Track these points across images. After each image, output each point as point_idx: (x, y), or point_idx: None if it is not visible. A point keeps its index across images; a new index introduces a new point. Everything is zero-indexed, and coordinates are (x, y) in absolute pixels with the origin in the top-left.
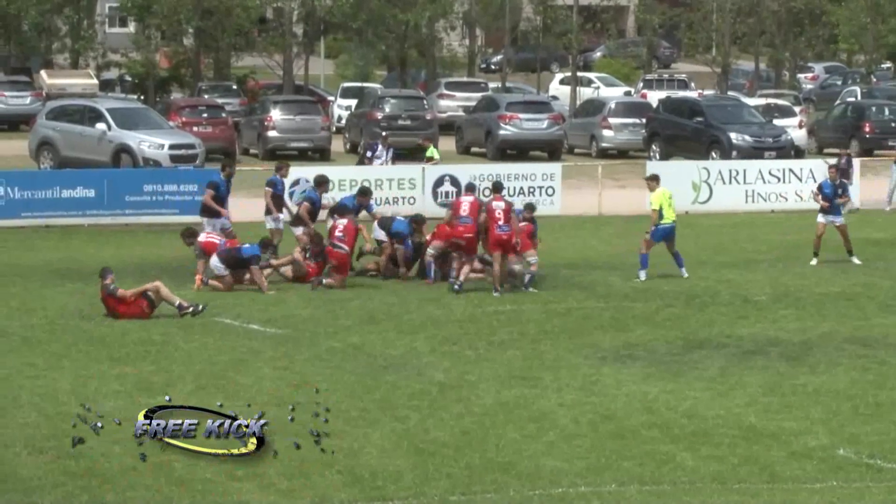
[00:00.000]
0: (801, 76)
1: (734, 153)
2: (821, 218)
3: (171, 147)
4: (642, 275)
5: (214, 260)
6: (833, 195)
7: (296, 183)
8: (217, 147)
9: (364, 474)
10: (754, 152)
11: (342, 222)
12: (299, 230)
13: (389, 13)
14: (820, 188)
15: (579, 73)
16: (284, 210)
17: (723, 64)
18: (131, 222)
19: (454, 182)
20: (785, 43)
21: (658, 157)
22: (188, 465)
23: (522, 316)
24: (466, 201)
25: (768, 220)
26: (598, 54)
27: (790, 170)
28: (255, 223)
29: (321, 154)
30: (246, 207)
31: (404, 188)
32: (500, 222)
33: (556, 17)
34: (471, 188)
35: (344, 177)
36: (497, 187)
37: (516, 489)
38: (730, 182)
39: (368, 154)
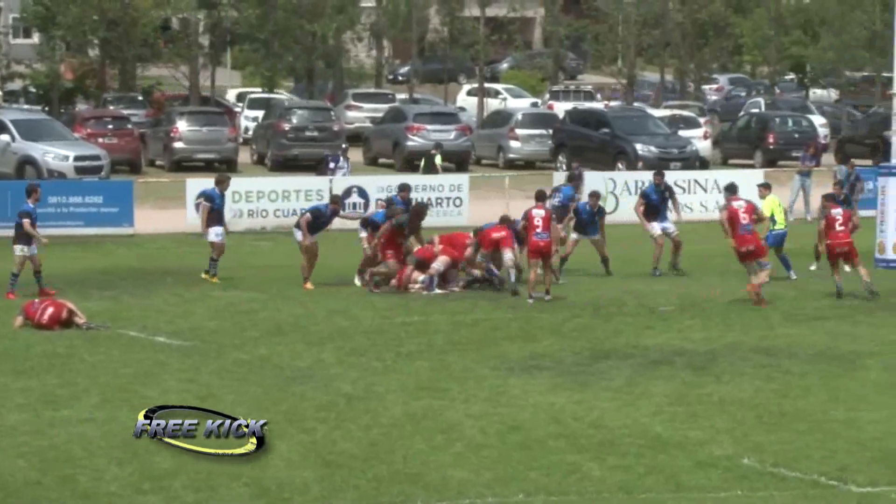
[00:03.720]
0: (705, 87)
1: (640, 164)
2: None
3: (77, 158)
4: (792, 274)
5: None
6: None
7: (202, 194)
8: (122, 159)
9: (271, 486)
10: (660, 163)
11: (539, 213)
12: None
13: (296, 24)
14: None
15: (486, 85)
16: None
17: (628, 75)
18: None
19: (361, 193)
20: (690, 54)
21: (565, 167)
22: (93, 479)
23: (430, 327)
24: (539, 216)
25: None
26: (505, 65)
27: (695, 181)
28: (160, 235)
29: (228, 165)
30: (151, 219)
31: (311, 198)
32: (539, 229)
33: (463, 29)
34: (541, 197)
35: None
36: (540, 196)
37: (423, 500)
38: (636, 193)
39: (331, 165)
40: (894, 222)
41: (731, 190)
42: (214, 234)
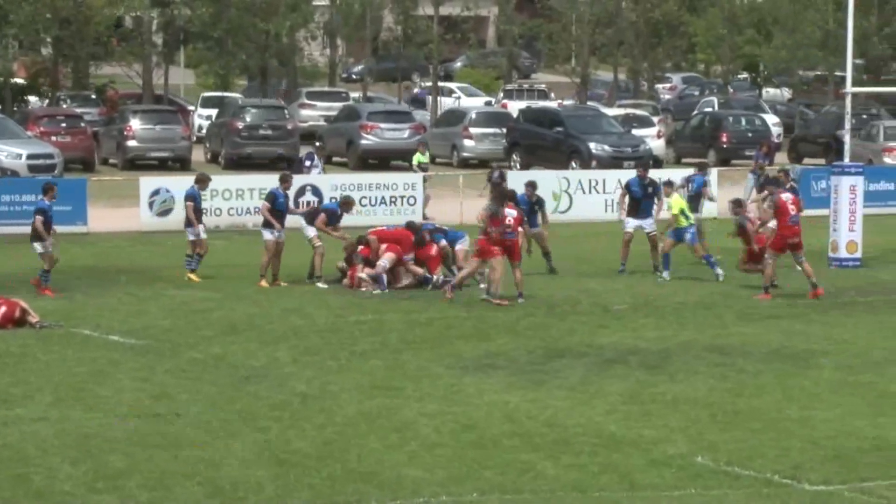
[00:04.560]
0: (659, 87)
1: (594, 163)
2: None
3: (30, 157)
4: (666, 275)
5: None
6: None
7: (156, 192)
8: (76, 157)
9: (225, 485)
10: (613, 162)
11: (511, 213)
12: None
13: (249, 22)
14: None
15: (440, 83)
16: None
17: (582, 74)
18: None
19: (315, 192)
20: (643, 54)
21: (519, 166)
22: (46, 479)
23: (384, 326)
24: (510, 215)
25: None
26: (458, 64)
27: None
28: (114, 233)
29: (182, 164)
30: (105, 218)
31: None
32: (508, 230)
33: (416, 28)
34: (512, 197)
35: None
36: (511, 195)
37: (378, 499)
38: (589, 192)
39: (307, 164)
40: (847, 221)
41: (778, 184)
42: (197, 232)
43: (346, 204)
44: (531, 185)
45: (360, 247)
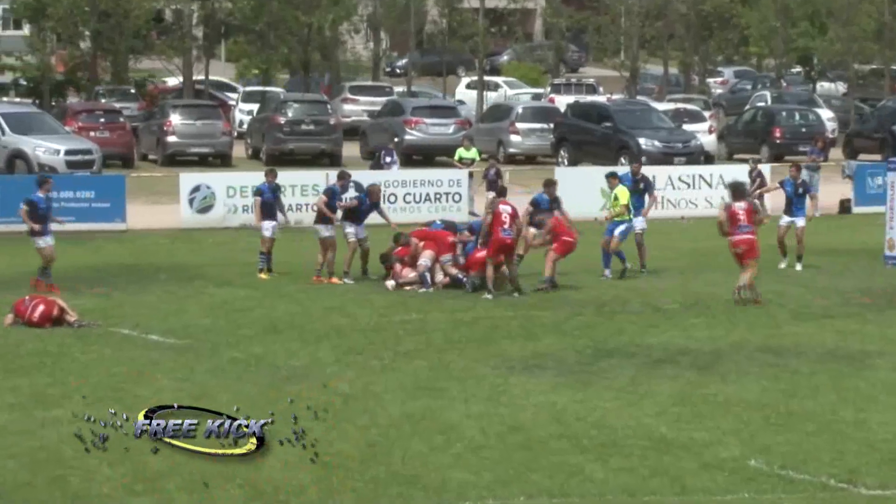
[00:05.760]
0: (710, 80)
1: (644, 159)
2: (783, 220)
3: (68, 153)
4: (608, 273)
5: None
6: (794, 193)
7: (196, 189)
8: (115, 153)
9: (267, 488)
10: (664, 158)
11: (506, 209)
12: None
13: (291, 15)
14: (782, 185)
15: (486, 77)
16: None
17: (631, 68)
18: (26, 229)
19: (358, 187)
20: (694, 47)
21: (566, 162)
22: (84, 481)
23: (428, 325)
24: (506, 212)
25: (678, 227)
26: (505, 58)
27: (700, 175)
28: (153, 230)
29: (222, 159)
30: (144, 214)
31: (307, 193)
32: (505, 226)
33: (462, 20)
34: (502, 193)
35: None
36: (502, 192)
37: (423, 502)
38: None
39: (387, 160)
40: None
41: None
42: (264, 228)
43: (372, 192)
44: (550, 184)
45: (397, 247)
